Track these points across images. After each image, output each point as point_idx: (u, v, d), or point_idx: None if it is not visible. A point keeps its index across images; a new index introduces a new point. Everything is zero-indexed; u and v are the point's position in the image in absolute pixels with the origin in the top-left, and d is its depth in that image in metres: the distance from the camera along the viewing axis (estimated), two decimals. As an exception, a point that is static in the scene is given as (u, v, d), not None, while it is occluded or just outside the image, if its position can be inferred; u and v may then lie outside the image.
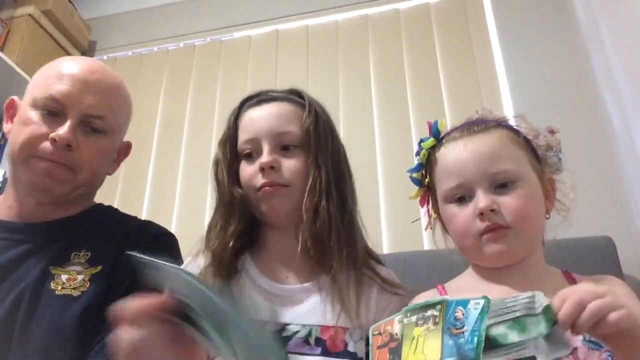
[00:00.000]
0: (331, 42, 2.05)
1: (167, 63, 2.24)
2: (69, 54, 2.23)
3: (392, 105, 1.87)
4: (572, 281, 0.84)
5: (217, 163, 0.98)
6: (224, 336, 0.52)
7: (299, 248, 0.87)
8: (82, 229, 0.99)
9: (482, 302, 0.51)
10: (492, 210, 0.80)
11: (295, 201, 0.90)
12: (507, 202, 0.81)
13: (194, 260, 0.95)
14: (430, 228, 0.97)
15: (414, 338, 0.54)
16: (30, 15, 2.03)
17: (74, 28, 2.24)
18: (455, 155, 0.86)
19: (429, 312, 0.55)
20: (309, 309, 0.86)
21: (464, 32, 1.90)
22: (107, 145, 0.99)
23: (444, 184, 0.86)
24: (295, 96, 0.98)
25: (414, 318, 0.56)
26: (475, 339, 0.50)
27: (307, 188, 0.89)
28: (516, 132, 0.88)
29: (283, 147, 0.92)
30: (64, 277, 0.90)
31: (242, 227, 0.92)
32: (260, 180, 0.89)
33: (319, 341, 0.82)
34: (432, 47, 1.91)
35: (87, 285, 0.89)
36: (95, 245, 0.95)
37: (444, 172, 0.87)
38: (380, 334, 0.59)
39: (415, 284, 1.12)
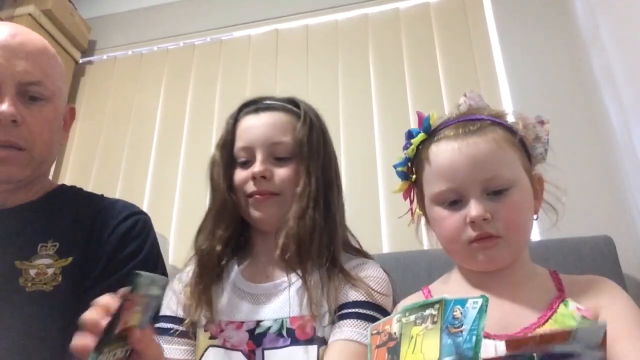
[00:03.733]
0: (331, 41, 2.05)
1: (167, 62, 2.24)
2: (68, 53, 2.23)
3: (392, 105, 1.87)
4: (558, 282, 0.83)
5: (213, 164, 0.99)
6: None
7: (278, 251, 0.89)
8: (46, 215, 0.91)
9: (480, 301, 0.51)
10: (484, 220, 0.77)
11: (285, 209, 0.92)
12: (500, 210, 0.78)
13: (187, 267, 0.98)
14: (413, 223, 0.95)
15: (412, 337, 0.54)
16: (30, 14, 2.04)
17: (73, 27, 2.24)
18: (449, 157, 0.81)
19: (427, 312, 0.54)
20: (280, 304, 0.89)
21: (464, 32, 1.90)
22: (52, 112, 0.90)
23: (435, 186, 0.83)
24: (292, 105, 1.00)
25: (412, 317, 0.55)
26: (474, 337, 0.49)
27: (297, 196, 0.91)
28: (512, 132, 0.84)
29: (276, 157, 0.94)
30: (32, 272, 0.83)
31: (230, 233, 0.95)
32: (251, 187, 0.92)
33: (289, 332, 0.85)
34: (432, 46, 1.91)
35: (59, 280, 0.83)
36: (63, 234, 0.88)
37: (435, 173, 0.83)
38: (378, 333, 0.59)
39: (416, 283, 1.11)
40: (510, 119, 0.87)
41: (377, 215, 1.70)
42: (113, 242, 0.89)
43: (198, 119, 2.08)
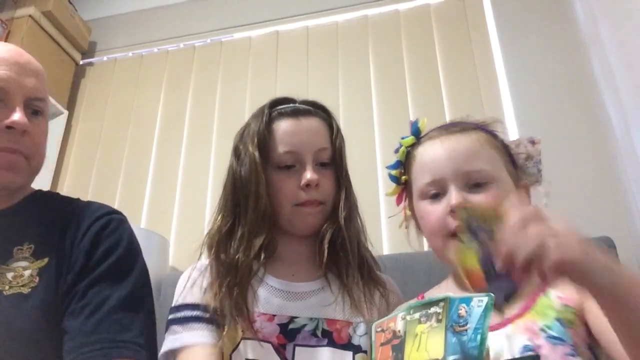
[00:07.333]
0: (331, 43, 2.06)
1: (167, 64, 2.24)
2: (69, 55, 2.23)
3: (392, 106, 1.87)
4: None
5: (248, 163, 0.93)
6: None
7: (324, 255, 0.90)
8: (20, 219, 0.92)
9: (485, 299, 0.51)
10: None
11: (326, 217, 0.95)
12: (479, 201, 0.80)
13: (205, 262, 0.94)
14: (406, 227, 0.98)
15: (417, 335, 0.54)
16: (30, 16, 2.04)
17: (74, 29, 2.24)
18: (432, 152, 0.87)
19: (432, 310, 0.54)
20: (316, 303, 0.89)
21: (464, 32, 1.90)
22: (46, 127, 0.96)
23: (419, 180, 0.87)
24: (320, 111, 1.01)
25: (417, 315, 0.55)
26: (479, 336, 0.49)
27: (342, 203, 0.94)
28: (494, 135, 0.89)
29: (319, 163, 0.95)
30: (9, 275, 0.83)
31: (268, 240, 0.92)
32: (303, 196, 0.91)
33: (325, 333, 0.85)
34: (432, 48, 1.91)
35: (37, 281, 0.83)
36: (38, 236, 0.89)
37: (420, 168, 0.88)
38: (383, 331, 0.59)
39: (415, 285, 1.11)
40: (495, 127, 0.91)
41: (377, 216, 1.69)
42: (87, 241, 0.89)
43: (198, 120, 2.08)
